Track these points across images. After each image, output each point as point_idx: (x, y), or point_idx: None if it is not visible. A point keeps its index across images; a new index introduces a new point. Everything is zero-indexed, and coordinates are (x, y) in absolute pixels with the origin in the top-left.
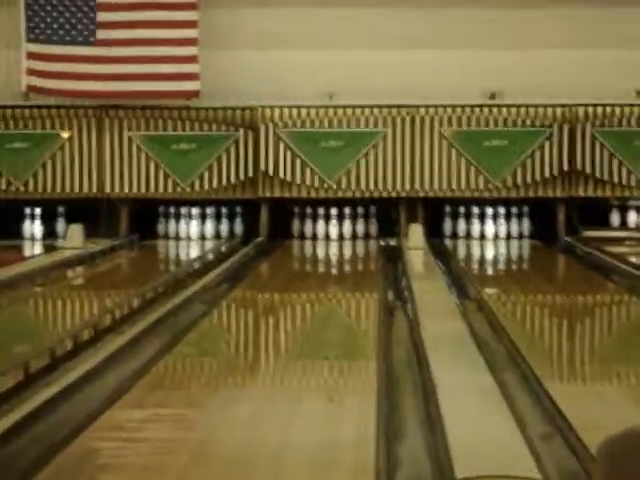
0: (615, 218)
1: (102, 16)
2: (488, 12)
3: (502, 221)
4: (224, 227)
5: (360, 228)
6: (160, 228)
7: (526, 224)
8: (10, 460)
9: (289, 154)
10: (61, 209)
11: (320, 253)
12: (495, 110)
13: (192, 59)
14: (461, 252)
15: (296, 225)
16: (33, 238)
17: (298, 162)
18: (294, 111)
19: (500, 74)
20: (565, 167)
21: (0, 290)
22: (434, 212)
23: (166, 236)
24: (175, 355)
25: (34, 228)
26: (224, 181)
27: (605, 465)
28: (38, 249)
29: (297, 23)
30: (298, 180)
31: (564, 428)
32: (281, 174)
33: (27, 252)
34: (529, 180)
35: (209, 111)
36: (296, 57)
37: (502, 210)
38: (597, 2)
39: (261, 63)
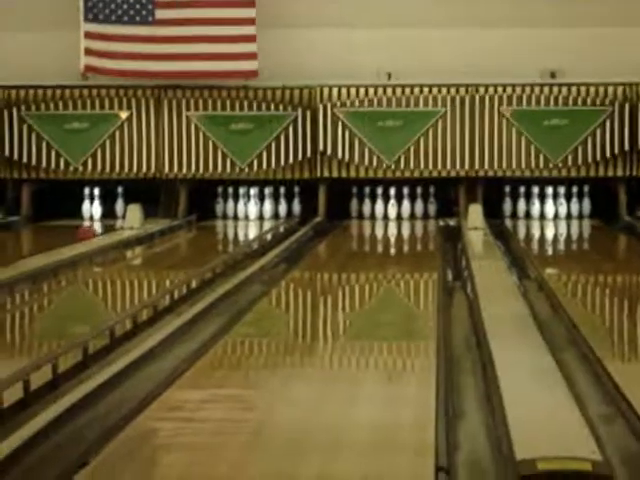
0: None
1: None
2: None
3: (562, 201)
4: (282, 207)
5: (419, 208)
6: (218, 208)
7: (586, 204)
8: (70, 440)
9: (347, 134)
10: (120, 189)
11: (378, 233)
12: (555, 89)
13: (250, 38)
14: (521, 232)
15: (354, 205)
16: (92, 218)
17: (356, 142)
18: (352, 90)
19: (560, 52)
20: (626, 146)
21: (61, 270)
22: (494, 192)
23: (224, 216)
24: (233, 336)
25: (93, 208)
26: (282, 161)
27: None
28: (97, 229)
29: (355, 1)
30: (356, 160)
31: (625, 409)
32: (339, 154)
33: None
34: (589, 159)
35: (267, 91)
36: (354, 36)
37: (562, 190)
38: None
39: (319, 42)
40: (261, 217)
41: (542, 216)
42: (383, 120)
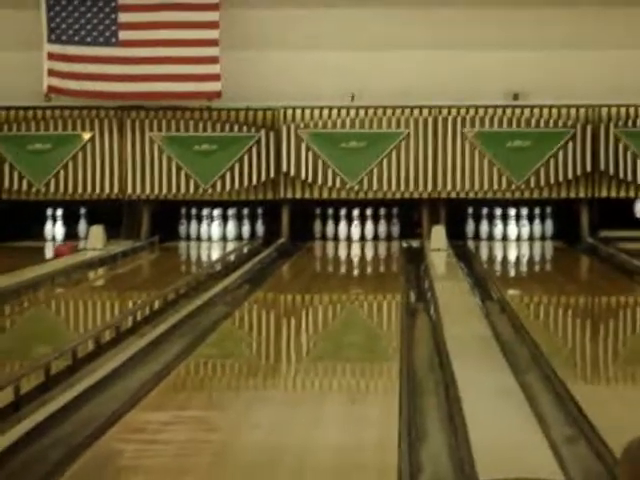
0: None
1: (124, 17)
2: (512, 12)
3: (525, 222)
4: (245, 228)
5: (382, 229)
6: (181, 229)
7: (549, 225)
8: (32, 462)
9: (310, 155)
10: (82, 210)
11: (342, 254)
12: (518, 111)
13: (213, 60)
14: (484, 254)
15: (318, 226)
16: (54, 239)
17: (320, 163)
18: (316, 112)
19: (523, 75)
20: (588, 168)
21: (23, 291)
22: (456, 213)
23: (187, 237)
24: (197, 357)
25: (55, 229)
26: (245, 182)
27: (629, 468)
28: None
29: (318, 24)
30: (319, 181)
31: (588, 430)
32: (302, 175)
33: (48, 253)
34: (552, 181)
35: (230, 112)
36: (318, 58)
37: (525, 211)
38: (621, 2)
39: (283, 64)
40: (224, 238)
41: (505, 237)
42: (346, 141)
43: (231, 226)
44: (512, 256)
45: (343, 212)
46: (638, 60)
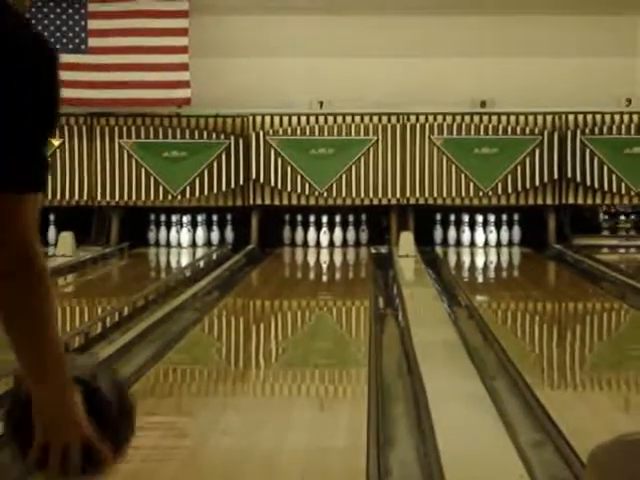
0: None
1: (93, 24)
2: (479, 20)
3: (492, 229)
4: (215, 235)
5: (351, 235)
6: (151, 236)
7: (516, 231)
8: (1, 470)
9: (280, 162)
10: (52, 217)
11: (311, 260)
12: (485, 118)
13: (183, 67)
14: (451, 260)
15: (287, 232)
16: None
17: (289, 170)
18: (284, 119)
19: (490, 82)
20: (555, 175)
21: None
22: (424, 220)
23: (157, 244)
24: (165, 363)
25: None
26: (215, 189)
27: (596, 473)
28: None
29: (288, 31)
30: (289, 188)
31: (554, 435)
32: (272, 182)
33: None
34: (519, 188)
35: (200, 119)
36: (286, 65)
37: (492, 218)
38: (588, 10)
39: (252, 71)
40: (194, 244)
41: (472, 244)
42: (315, 148)
43: (200, 232)
44: (480, 262)
45: (312, 218)
46: (604, 67)
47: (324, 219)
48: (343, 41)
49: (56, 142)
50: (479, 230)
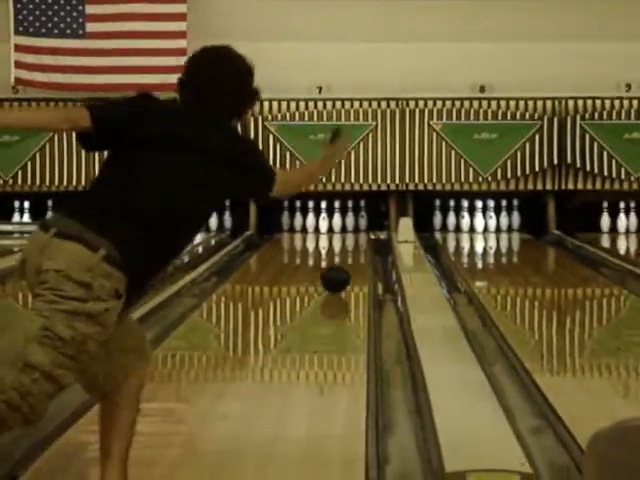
0: (605, 221)
1: (91, 9)
2: (478, 4)
3: (492, 214)
4: (213, 221)
5: (350, 221)
6: None
7: (516, 217)
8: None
9: (278, 147)
10: (50, 203)
11: (310, 246)
12: (485, 103)
13: (181, 52)
14: (451, 245)
15: (285, 218)
16: (22, 232)
17: (287, 155)
18: (283, 104)
19: (490, 67)
20: (555, 160)
21: None
22: (424, 205)
23: None
24: (164, 349)
25: (23, 222)
26: None
27: (595, 459)
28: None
29: (286, 16)
30: None
31: (554, 421)
32: None
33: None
34: (519, 173)
35: None
36: (285, 50)
37: (492, 203)
38: None
39: (250, 55)
40: None
41: (472, 229)
42: (314, 133)
43: None
44: (479, 248)
45: (311, 204)
46: (605, 52)
47: (323, 205)
48: (342, 26)
49: None
50: (478, 216)
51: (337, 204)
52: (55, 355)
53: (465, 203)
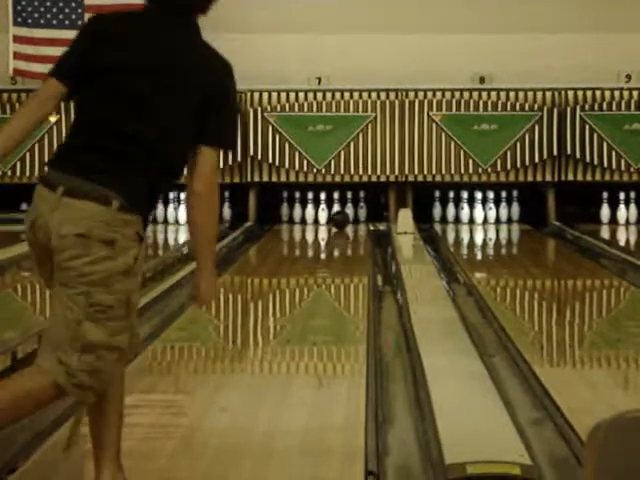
0: (605, 213)
1: (90, 0)
2: None
3: (491, 205)
4: None
5: (349, 212)
6: None
7: (515, 208)
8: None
9: (277, 138)
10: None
11: (309, 238)
12: (484, 94)
13: None
14: (450, 237)
15: (285, 209)
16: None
17: (287, 146)
18: (282, 95)
19: (490, 58)
20: (555, 151)
21: None
22: (423, 197)
23: (154, 221)
24: (163, 341)
25: (22, 213)
26: None
27: (595, 451)
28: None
29: (286, 7)
30: (287, 164)
31: (553, 412)
32: (269, 158)
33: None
34: (519, 164)
35: None
36: (285, 41)
37: (491, 194)
38: None
39: (249, 47)
40: None
41: (471, 220)
42: (313, 125)
43: None
44: (479, 239)
45: (310, 196)
46: (605, 43)
47: (322, 196)
48: (341, 17)
49: (53, 118)
50: (478, 207)
51: (336, 195)
52: (109, 325)
53: (465, 194)
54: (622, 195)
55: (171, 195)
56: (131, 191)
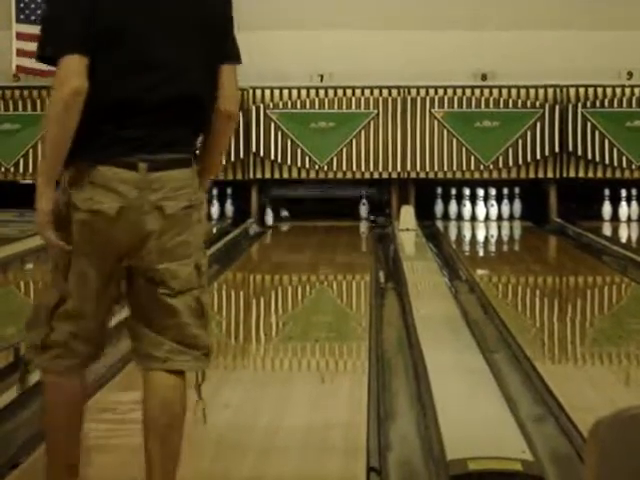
0: (607, 209)
1: None
2: None
3: (493, 202)
4: (215, 209)
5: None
6: None
7: (517, 205)
8: (1, 442)
9: (280, 135)
10: None
11: (312, 235)
12: (486, 91)
13: None
14: (452, 234)
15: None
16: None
17: (289, 143)
18: (285, 92)
19: (492, 55)
20: (556, 148)
21: None
22: (425, 193)
23: None
24: None
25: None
26: None
27: (596, 447)
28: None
29: (287, 4)
30: (289, 161)
31: (555, 409)
32: (272, 155)
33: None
34: (520, 161)
35: None
36: (287, 38)
37: (493, 191)
38: None
39: (252, 44)
40: None
41: (473, 217)
42: (315, 122)
43: None
44: (480, 236)
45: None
46: (606, 40)
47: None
48: (344, 14)
49: None
50: (480, 204)
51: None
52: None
53: (467, 191)
54: (624, 192)
55: None
56: (194, 150)
